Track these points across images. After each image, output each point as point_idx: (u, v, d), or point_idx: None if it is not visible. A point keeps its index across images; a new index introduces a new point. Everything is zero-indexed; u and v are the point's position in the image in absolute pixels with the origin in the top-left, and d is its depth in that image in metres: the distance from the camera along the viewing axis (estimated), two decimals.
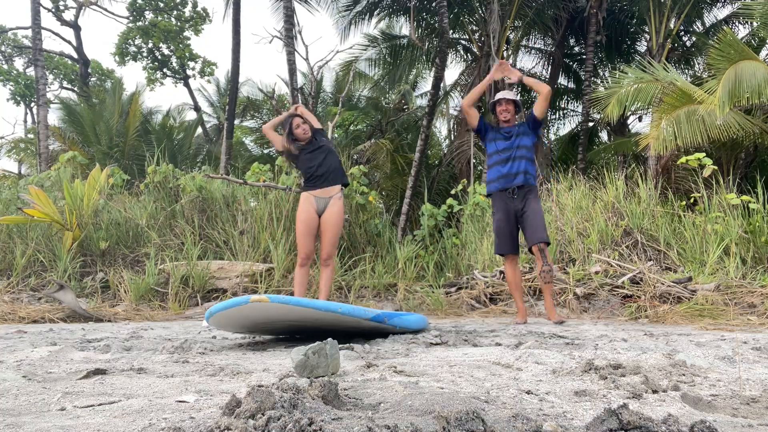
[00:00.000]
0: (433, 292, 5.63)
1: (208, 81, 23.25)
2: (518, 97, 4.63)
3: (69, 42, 20.88)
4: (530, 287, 5.27)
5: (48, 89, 17.09)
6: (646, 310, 4.37)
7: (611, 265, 5.30)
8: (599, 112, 11.59)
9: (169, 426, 1.13)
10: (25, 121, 27.37)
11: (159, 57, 20.63)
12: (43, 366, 2.06)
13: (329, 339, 1.82)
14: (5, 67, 23.73)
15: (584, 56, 14.11)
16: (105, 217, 6.76)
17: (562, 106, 17.26)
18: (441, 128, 20.68)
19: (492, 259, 6.19)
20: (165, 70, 21.15)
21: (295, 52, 11.11)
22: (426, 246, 7.03)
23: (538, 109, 4.36)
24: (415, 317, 3.21)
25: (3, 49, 23.88)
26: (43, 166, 11.91)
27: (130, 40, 20.10)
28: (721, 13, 14.04)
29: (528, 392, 1.53)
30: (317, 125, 4.66)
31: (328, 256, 4.46)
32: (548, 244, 4.16)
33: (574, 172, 7.53)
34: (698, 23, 14.54)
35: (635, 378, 1.62)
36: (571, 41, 15.99)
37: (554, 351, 2.27)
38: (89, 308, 5.09)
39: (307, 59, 7.26)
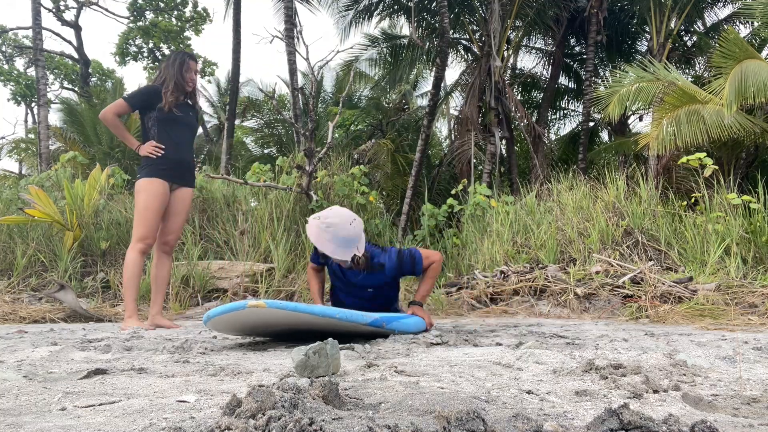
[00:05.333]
0: (433, 292, 5.63)
1: (209, 81, 23.28)
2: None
3: (69, 42, 20.92)
4: (531, 287, 5.27)
5: (48, 89, 17.12)
6: (646, 310, 4.37)
7: (612, 265, 5.29)
8: (600, 112, 11.60)
9: (170, 426, 1.13)
10: (26, 122, 27.44)
11: (159, 57, 20.64)
12: (43, 366, 2.06)
13: (330, 339, 1.82)
14: (6, 67, 23.77)
15: (585, 56, 14.12)
16: (105, 217, 6.76)
17: (563, 106, 17.28)
18: (442, 128, 20.72)
19: (492, 258, 6.19)
20: None
21: (296, 52, 11.12)
22: (426, 246, 7.03)
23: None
24: (414, 320, 3.11)
25: (4, 49, 23.92)
26: (44, 166, 11.94)
27: (130, 40, 20.14)
28: (722, 12, 14.07)
29: (529, 392, 1.53)
30: None
31: (176, 243, 4.05)
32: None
33: (575, 172, 7.54)
34: (699, 23, 14.54)
35: (636, 378, 1.62)
36: (572, 41, 16.01)
37: (555, 351, 2.27)
38: (90, 308, 5.10)
39: (307, 59, 7.25)
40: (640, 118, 15.33)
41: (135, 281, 3.81)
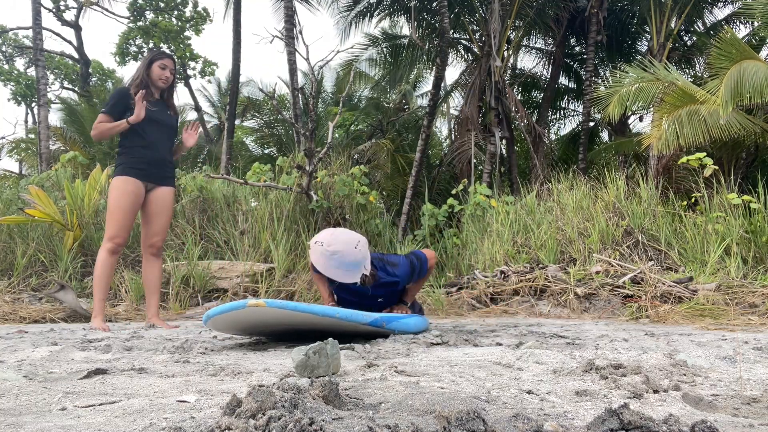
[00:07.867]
0: (433, 291, 5.63)
1: (209, 81, 23.28)
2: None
3: (70, 42, 20.92)
4: (531, 287, 5.27)
5: (49, 89, 17.10)
6: (647, 310, 4.37)
7: (612, 265, 5.29)
8: (600, 112, 11.60)
9: (170, 426, 1.13)
10: (26, 122, 27.43)
11: None
12: (44, 366, 2.06)
13: (330, 339, 1.82)
14: (6, 67, 23.76)
15: (585, 56, 14.12)
16: (106, 217, 6.75)
17: (563, 106, 17.28)
18: (442, 128, 20.73)
19: (492, 258, 6.19)
20: None
21: (296, 52, 11.13)
22: (427, 246, 7.03)
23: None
24: (414, 320, 3.11)
25: (4, 49, 23.91)
26: (44, 166, 11.94)
27: (130, 40, 20.11)
28: (722, 12, 14.07)
29: (529, 392, 1.53)
30: None
31: (162, 244, 4.00)
32: None
33: (575, 172, 7.54)
34: (699, 23, 14.54)
35: (636, 378, 1.62)
36: (572, 41, 16.01)
37: (555, 351, 2.27)
38: (90, 308, 5.09)
39: (307, 59, 7.24)
40: (641, 119, 15.34)
41: (104, 280, 3.80)
